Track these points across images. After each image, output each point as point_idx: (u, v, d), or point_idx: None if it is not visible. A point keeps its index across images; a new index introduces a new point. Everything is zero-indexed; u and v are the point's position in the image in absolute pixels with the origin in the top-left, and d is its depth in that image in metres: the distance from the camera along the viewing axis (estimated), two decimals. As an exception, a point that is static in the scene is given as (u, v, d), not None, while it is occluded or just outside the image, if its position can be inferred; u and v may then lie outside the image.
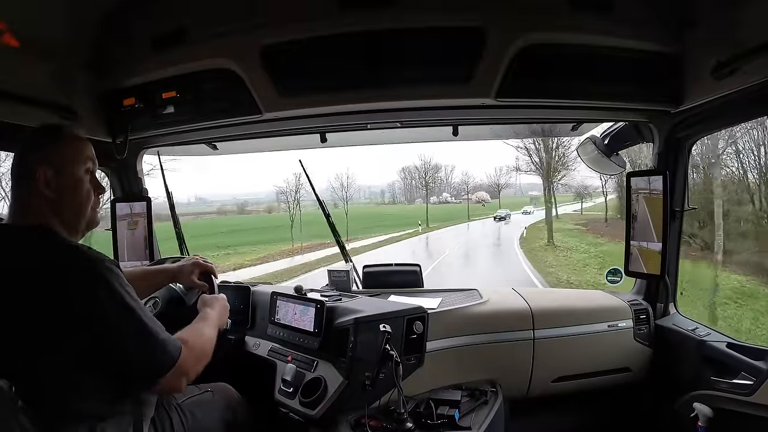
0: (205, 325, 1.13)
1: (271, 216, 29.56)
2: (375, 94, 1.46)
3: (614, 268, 2.03)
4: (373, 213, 32.19)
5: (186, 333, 1.06)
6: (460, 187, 32.70)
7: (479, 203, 32.55)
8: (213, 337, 1.12)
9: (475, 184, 32.68)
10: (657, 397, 1.76)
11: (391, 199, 39.61)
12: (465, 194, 32.77)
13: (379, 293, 1.89)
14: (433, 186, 36.54)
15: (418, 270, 2.04)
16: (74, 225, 1.00)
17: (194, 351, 1.01)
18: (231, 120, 1.61)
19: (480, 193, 33.97)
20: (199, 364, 1.03)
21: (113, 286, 0.89)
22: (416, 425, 1.36)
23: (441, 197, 38.34)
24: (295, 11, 1.37)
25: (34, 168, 0.94)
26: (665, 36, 1.39)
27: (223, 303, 1.27)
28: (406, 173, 38.86)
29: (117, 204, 1.94)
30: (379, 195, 39.86)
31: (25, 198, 0.95)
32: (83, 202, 1.01)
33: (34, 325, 0.84)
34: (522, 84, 1.39)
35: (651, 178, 1.71)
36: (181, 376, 0.97)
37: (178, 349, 0.97)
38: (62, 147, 0.99)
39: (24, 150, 0.98)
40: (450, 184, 37.28)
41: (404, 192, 40.77)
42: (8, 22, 1.19)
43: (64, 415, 0.86)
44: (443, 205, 36.49)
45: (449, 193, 38.09)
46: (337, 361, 1.47)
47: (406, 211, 28.17)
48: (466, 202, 32.07)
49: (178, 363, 0.95)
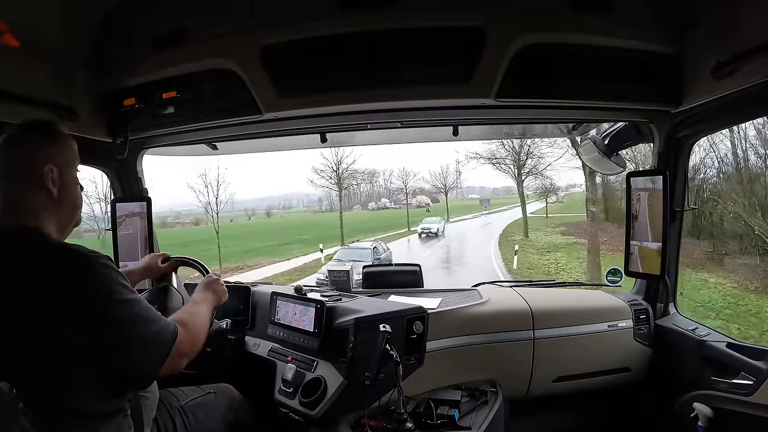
0: (198, 303, 1.15)
1: (198, 228, 24.45)
2: (375, 94, 1.46)
3: (614, 268, 2.03)
4: (297, 223, 26.45)
5: (181, 314, 1.07)
6: (401, 191, 28.60)
7: (421, 207, 29.26)
8: (207, 313, 1.14)
9: (416, 187, 29.13)
10: (657, 397, 1.76)
11: (329, 207, 36.65)
12: (409, 197, 28.46)
13: (379, 293, 1.90)
14: (372, 191, 33.90)
15: (418, 270, 2.04)
16: (67, 224, 1.01)
17: (190, 331, 1.02)
18: (231, 120, 1.61)
19: (421, 197, 31.61)
20: (196, 343, 1.04)
21: (109, 282, 0.88)
22: (416, 425, 1.36)
23: (380, 203, 36.24)
24: (296, 11, 1.37)
25: (40, 166, 0.93)
26: (665, 36, 1.39)
27: (211, 279, 1.28)
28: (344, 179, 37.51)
29: (117, 204, 1.94)
30: (316, 203, 37.41)
31: (20, 196, 0.92)
32: (78, 201, 1.02)
33: (31, 326, 0.84)
34: (522, 84, 1.39)
35: (651, 178, 1.71)
36: (180, 357, 0.98)
37: (174, 333, 0.96)
38: (63, 146, 0.99)
39: (24, 146, 0.95)
40: (389, 189, 33.91)
41: (342, 198, 39.14)
42: (8, 22, 1.19)
43: (63, 415, 0.85)
44: (382, 211, 33.68)
45: (388, 198, 35.49)
46: (337, 361, 1.47)
47: (335, 221, 22.18)
48: (407, 207, 27.45)
49: (175, 346, 0.95)
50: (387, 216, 29.66)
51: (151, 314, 0.94)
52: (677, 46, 1.39)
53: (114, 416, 0.93)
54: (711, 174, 8.07)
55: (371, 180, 33.32)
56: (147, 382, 1.00)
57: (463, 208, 29.78)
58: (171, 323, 0.98)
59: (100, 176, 9.96)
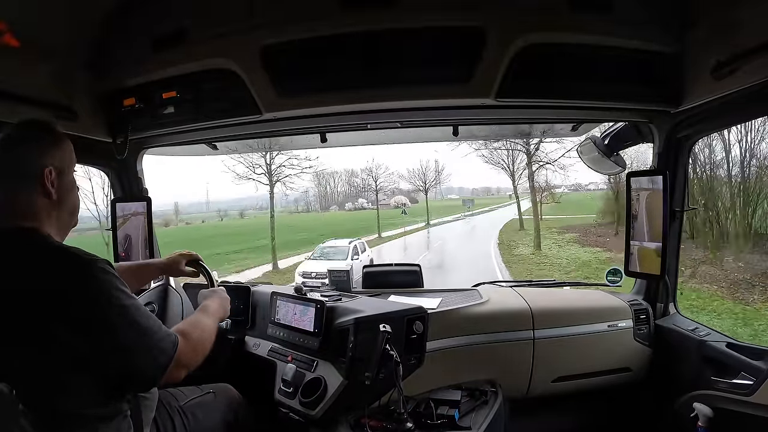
0: (204, 316, 1.13)
1: (168, 230, 23.33)
2: (375, 94, 1.46)
3: (614, 268, 2.03)
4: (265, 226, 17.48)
5: (184, 325, 1.06)
6: (381, 190, 25.56)
7: (399, 207, 27.36)
8: (213, 327, 1.12)
9: (393, 187, 27.36)
10: (657, 397, 1.76)
11: (305, 207, 36.61)
12: (384, 196, 26.38)
13: (379, 293, 1.90)
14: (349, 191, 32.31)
15: (418, 270, 2.04)
16: (67, 226, 1.00)
17: (192, 342, 1.00)
18: (231, 120, 1.61)
19: (398, 197, 30.58)
20: (197, 356, 1.02)
21: (108, 287, 0.88)
22: (416, 425, 1.36)
23: (356, 203, 34.93)
24: (296, 11, 1.37)
25: (39, 167, 0.92)
26: (665, 36, 1.39)
27: (222, 295, 1.27)
28: (321, 179, 33.81)
29: (117, 204, 1.94)
30: (293, 203, 36.15)
31: (20, 198, 0.91)
32: (77, 203, 1.02)
33: (29, 327, 0.83)
34: (522, 84, 1.39)
35: (651, 178, 1.71)
36: (180, 368, 0.96)
37: (174, 343, 0.96)
38: (63, 147, 0.98)
39: (22, 147, 0.93)
40: (367, 189, 30.71)
41: (318, 199, 37.32)
42: (8, 22, 1.19)
43: (62, 417, 0.85)
44: (359, 211, 31.99)
45: (365, 198, 33.26)
46: (337, 361, 1.47)
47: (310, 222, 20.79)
48: (385, 207, 25.45)
49: (175, 357, 0.94)
50: (363, 217, 26.55)
51: (151, 321, 0.93)
52: (677, 45, 1.39)
53: (113, 418, 0.93)
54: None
55: (349, 180, 32.23)
56: (146, 387, 0.99)
57: (444, 209, 27.89)
58: (172, 333, 0.97)
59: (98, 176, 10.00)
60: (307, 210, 36.57)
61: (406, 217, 22.18)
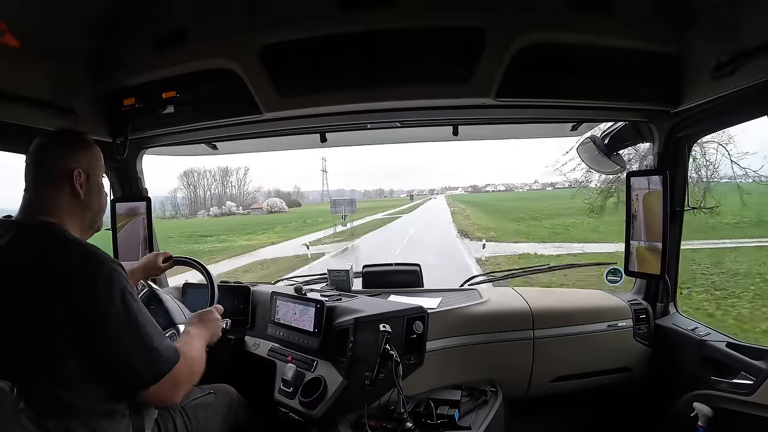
0: (193, 338, 1.13)
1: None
2: (375, 93, 1.46)
3: (614, 268, 2.03)
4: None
5: (179, 343, 1.05)
6: (257, 191, 25.13)
7: (274, 212, 25.33)
8: (201, 350, 1.11)
9: (268, 189, 26.46)
10: (657, 397, 1.76)
11: (173, 212, 32.98)
12: (260, 199, 24.84)
13: (379, 293, 1.90)
14: (222, 192, 29.04)
15: (418, 270, 2.04)
16: (91, 226, 1.08)
17: (188, 362, 1.01)
18: (231, 120, 1.61)
19: (272, 200, 28.70)
20: (192, 377, 1.03)
21: (118, 286, 0.90)
22: (416, 425, 1.36)
23: (224, 207, 32.15)
24: (295, 11, 1.37)
25: (69, 170, 1.00)
26: (665, 36, 1.39)
27: (211, 317, 1.25)
28: (190, 179, 30.60)
29: (117, 204, 1.94)
30: (159, 207, 32.06)
31: (49, 197, 0.99)
32: (103, 205, 1.10)
33: (33, 315, 0.85)
34: (522, 84, 1.39)
35: (651, 178, 1.71)
36: (176, 386, 0.96)
37: (176, 353, 0.97)
38: (93, 153, 1.07)
39: (56, 151, 1.02)
40: (243, 191, 28.95)
41: (188, 203, 33.95)
42: (8, 22, 1.19)
43: (63, 415, 0.85)
44: (226, 217, 28.89)
45: (235, 201, 31.32)
46: (336, 361, 1.47)
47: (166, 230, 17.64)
48: (257, 212, 23.11)
49: (174, 370, 0.95)
50: (226, 224, 23.39)
51: (157, 330, 0.96)
52: (677, 45, 1.39)
53: (113, 416, 0.93)
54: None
55: (223, 180, 29.80)
56: (142, 388, 0.97)
57: (317, 213, 23.65)
58: (173, 345, 0.99)
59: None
60: (175, 215, 32.04)
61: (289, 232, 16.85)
